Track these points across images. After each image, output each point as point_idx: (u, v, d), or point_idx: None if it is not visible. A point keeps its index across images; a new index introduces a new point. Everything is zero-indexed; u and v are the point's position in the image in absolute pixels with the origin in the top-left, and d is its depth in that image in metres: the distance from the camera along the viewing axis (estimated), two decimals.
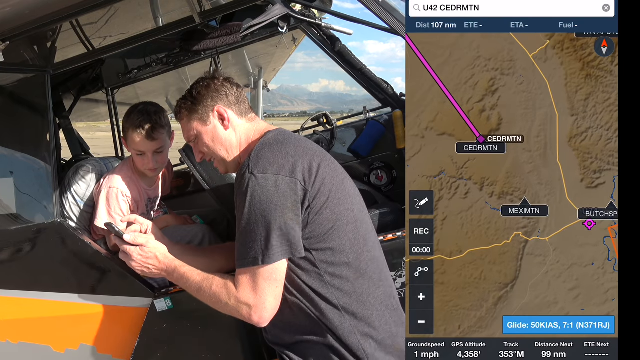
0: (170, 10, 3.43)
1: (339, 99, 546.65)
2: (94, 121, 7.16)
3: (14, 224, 2.47)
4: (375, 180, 3.12)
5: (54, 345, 2.47)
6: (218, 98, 2.04)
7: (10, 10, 2.14)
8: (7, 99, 2.80)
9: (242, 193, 1.81)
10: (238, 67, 5.94)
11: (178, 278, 1.99)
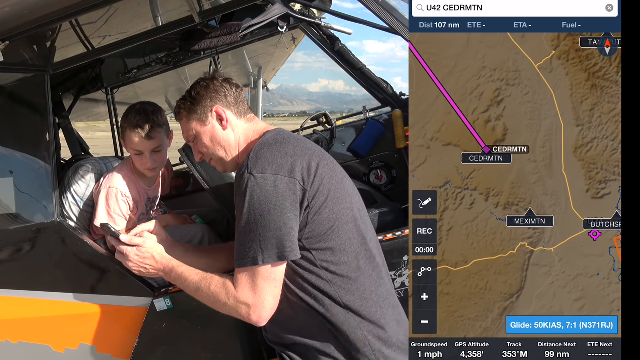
0: (169, 9, 3.43)
1: (339, 99, 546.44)
2: (94, 121, 7.14)
3: (14, 223, 2.47)
4: (374, 180, 3.12)
5: (54, 344, 2.47)
6: (217, 98, 2.04)
7: (9, 10, 2.14)
8: (6, 98, 2.80)
9: (241, 193, 1.81)
10: (238, 66, 5.93)
11: (176, 278, 1.99)
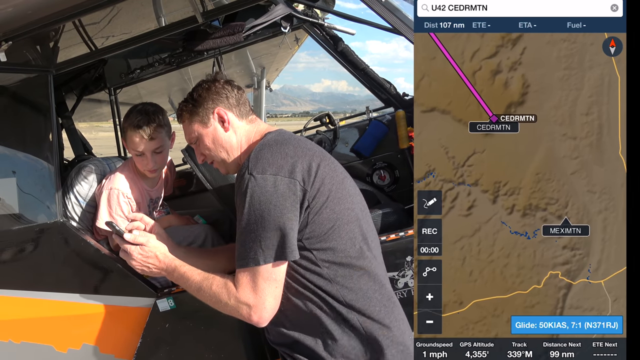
0: (172, 10, 3.44)
1: (342, 99, 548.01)
2: (97, 121, 7.16)
3: (17, 224, 2.47)
4: (377, 180, 3.12)
5: (57, 345, 2.47)
6: (218, 100, 2.05)
7: (12, 10, 2.15)
8: (10, 99, 2.81)
9: (242, 194, 1.82)
10: (241, 67, 5.94)
11: (178, 277, 2.00)
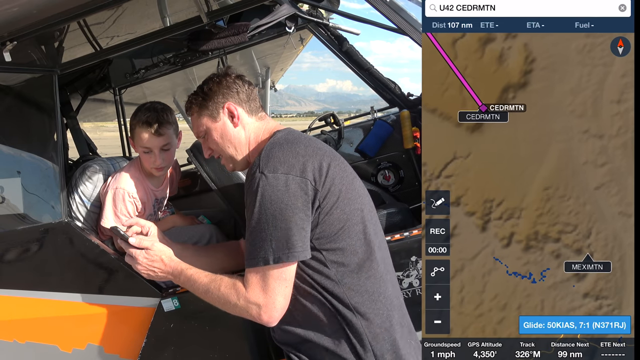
0: (177, 10, 3.44)
1: (347, 99, 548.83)
2: (102, 121, 7.19)
3: (22, 223, 2.48)
4: (382, 180, 3.12)
5: (61, 345, 2.47)
6: (229, 95, 2.04)
7: (18, 10, 2.15)
8: (14, 99, 2.82)
9: (253, 192, 1.81)
10: (245, 67, 5.96)
11: (185, 281, 1.99)
